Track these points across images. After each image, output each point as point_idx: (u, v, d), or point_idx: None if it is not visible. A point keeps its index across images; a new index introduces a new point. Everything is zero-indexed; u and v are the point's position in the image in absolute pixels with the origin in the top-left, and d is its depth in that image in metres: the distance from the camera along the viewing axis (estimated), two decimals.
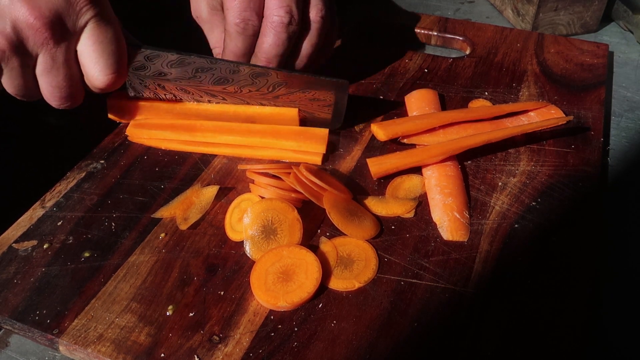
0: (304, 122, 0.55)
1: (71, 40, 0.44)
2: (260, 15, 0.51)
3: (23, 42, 0.42)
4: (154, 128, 0.55)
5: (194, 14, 0.56)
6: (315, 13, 0.52)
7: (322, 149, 0.53)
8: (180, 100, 0.54)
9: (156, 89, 0.53)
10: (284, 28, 0.51)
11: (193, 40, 0.56)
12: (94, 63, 0.45)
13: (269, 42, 0.51)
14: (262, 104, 0.54)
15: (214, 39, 0.56)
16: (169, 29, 0.57)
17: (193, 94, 0.53)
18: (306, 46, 0.54)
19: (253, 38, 0.52)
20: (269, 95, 0.53)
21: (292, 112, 0.54)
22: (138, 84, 0.52)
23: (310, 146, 0.53)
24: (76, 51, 0.45)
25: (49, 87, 0.45)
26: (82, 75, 0.47)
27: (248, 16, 0.51)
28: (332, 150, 0.55)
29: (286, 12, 0.50)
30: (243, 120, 0.55)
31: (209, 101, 0.54)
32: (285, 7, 0.50)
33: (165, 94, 0.54)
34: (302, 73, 0.52)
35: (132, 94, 0.54)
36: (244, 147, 0.54)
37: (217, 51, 0.56)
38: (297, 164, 0.49)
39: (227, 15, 0.52)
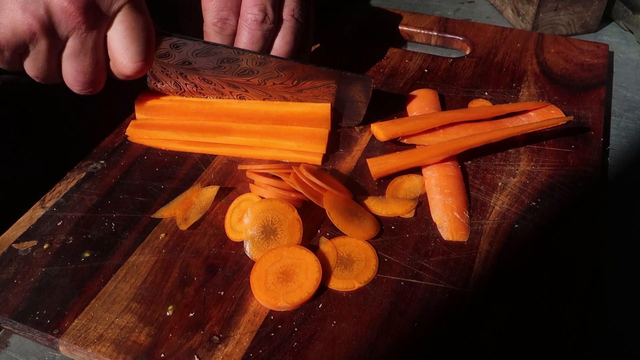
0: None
1: (102, 25, 0.44)
2: (237, 14, 0.52)
3: (54, 26, 0.42)
4: (154, 128, 0.55)
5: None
6: (288, 12, 0.53)
7: (322, 149, 0.53)
8: (201, 91, 0.55)
9: (178, 78, 0.53)
10: (258, 26, 0.51)
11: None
12: (124, 49, 0.45)
13: (244, 41, 0.52)
14: (284, 98, 0.54)
15: None
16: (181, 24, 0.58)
17: (215, 85, 0.54)
18: (280, 44, 0.54)
19: (231, 37, 0.53)
20: (292, 89, 0.53)
21: (325, 111, 0.54)
22: (160, 72, 0.52)
23: (310, 146, 0.53)
24: (105, 37, 0.45)
25: (74, 71, 0.45)
26: (107, 61, 0.47)
27: (225, 15, 0.51)
28: (332, 151, 0.55)
29: (260, 10, 0.51)
30: (274, 121, 0.55)
31: (231, 92, 0.54)
32: (260, 5, 0.51)
33: (186, 84, 0.54)
34: (329, 68, 0.52)
35: (151, 84, 0.54)
36: (244, 147, 0.54)
37: None
38: (297, 164, 0.49)
39: (205, 17, 0.52)
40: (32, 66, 0.45)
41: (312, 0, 0.57)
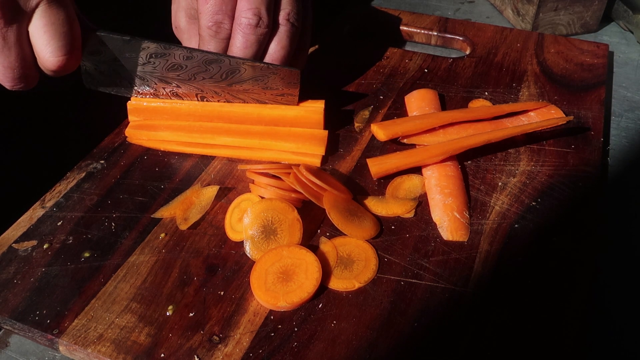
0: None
1: (22, 20, 0.44)
2: (232, 18, 0.51)
3: None
4: (152, 129, 0.55)
5: (173, 24, 0.56)
6: (283, 16, 0.52)
7: (321, 150, 0.53)
8: (136, 88, 0.54)
9: (111, 75, 0.52)
10: (252, 30, 0.51)
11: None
12: (45, 45, 0.45)
13: (238, 45, 0.52)
14: (216, 92, 0.54)
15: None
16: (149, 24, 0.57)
17: (147, 81, 0.53)
18: (276, 48, 0.53)
19: (226, 41, 0.52)
20: (222, 83, 0.53)
21: (317, 117, 0.54)
22: (93, 69, 0.52)
23: (309, 148, 0.53)
24: (28, 32, 0.45)
25: (1, 67, 0.45)
26: (34, 56, 0.46)
27: (220, 19, 0.51)
28: (332, 151, 0.55)
29: (254, 14, 0.50)
30: (267, 123, 0.54)
31: (163, 88, 0.54)
32: (254, 9, 0.50)
33: (120, 80, 0.53)
34: (255, 61, 0.52)
35: (88, 83, 0.53)
36: (243, 149, 0.54)
37: None
38: (297, 165, 0.49)
39: (200, 20, 0.52)
40: None
41: (310, 4, 0.57)
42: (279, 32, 0.53)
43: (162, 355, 0.39)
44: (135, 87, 0.54)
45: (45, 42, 0.45)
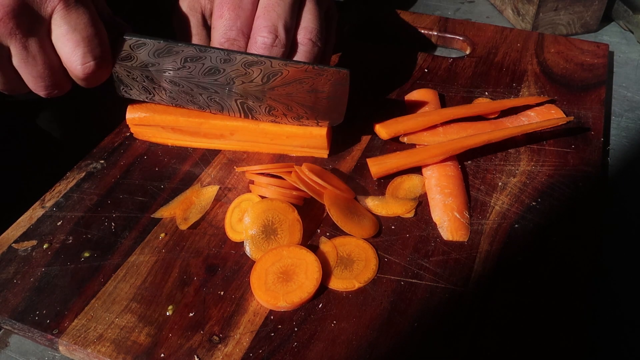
0: (299, 118, 0.52)
1: (41, 28, 0.42)
2: (247, 35, 0.50)
3: None
4: (158, 129, 0.54)
5: (173, 12, 0.54)
6: (304, 34, 0.50)
7: (324, 153, 0.53)
8: (170, 95, 0.52)
9: (144, 81, 0.50)
10: (267, 50, 0.48)
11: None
12: (70, 53, 0.43)
13: None
14: (257, 98, 0.51)
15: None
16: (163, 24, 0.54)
17: (183, 87, 0.51)
18: None
19: None
20: (263, 87, 0.50)
21: (321, 131, 0.52)
22: (125, 76, 0.50)
23: (312, 142, 0.53)
24: (52, 40, 0.44)
25: (30, 77, 0.44)
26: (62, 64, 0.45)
27: (233, 36, 0.49)
28: (332, 151, 0.55)
29: (270, 32, 0.48)
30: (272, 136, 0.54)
31: (200, 94, 0.51)
32: (270, 27, 0.48)
33: (154, 88, 0.51)
34: (299, 62, 0.49)
35: (121, 91, 0.51)
36: (250, 142, 0.54)
37: None
38: (299, 162, 0.49)
39: (212, 35, 0.50)
40: None
41: (334, 26, 0.54)
42: (299, 52, 0.50)
43: (162, 355, 0.39)
44: (171, 94, 0.52)
45: (69, 49, 0.43)
